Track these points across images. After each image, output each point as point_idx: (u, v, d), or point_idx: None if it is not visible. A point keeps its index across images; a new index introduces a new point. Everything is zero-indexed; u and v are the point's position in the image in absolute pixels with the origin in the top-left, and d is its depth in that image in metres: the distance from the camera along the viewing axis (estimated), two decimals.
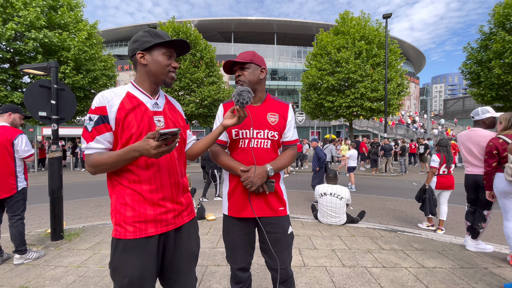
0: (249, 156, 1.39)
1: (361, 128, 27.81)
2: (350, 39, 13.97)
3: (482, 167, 2.87)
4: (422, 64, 58.42)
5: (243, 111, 1.22)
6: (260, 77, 1.44)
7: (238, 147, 1.42)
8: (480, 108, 3.03)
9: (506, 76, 11.98)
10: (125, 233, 1.06)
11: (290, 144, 1.51)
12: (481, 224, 2.95)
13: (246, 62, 1.39)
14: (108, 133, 1.07)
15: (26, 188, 2.86)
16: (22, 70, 3.47)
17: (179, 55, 1.25)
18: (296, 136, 1.53)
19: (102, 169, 1.05)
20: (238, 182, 1.40)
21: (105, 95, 1.08)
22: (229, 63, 1.43)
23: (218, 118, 1.46)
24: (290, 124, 1.49)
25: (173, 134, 0.93)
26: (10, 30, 9.50)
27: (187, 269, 1.22)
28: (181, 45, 1.19)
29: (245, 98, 1.19)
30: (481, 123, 3.01)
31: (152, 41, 1.12)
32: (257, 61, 1.42)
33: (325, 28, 17.37)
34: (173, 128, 1.11)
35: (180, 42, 1.17)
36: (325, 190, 4.01)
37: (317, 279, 2.36)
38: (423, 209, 4.02)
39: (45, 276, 2.45)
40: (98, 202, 6.29)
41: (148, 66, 1.14)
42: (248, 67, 1.40)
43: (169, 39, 1.14)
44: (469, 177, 3.04)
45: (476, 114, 3.04)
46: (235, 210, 1.41)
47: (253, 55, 1.42)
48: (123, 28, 39.59)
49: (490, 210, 2.91)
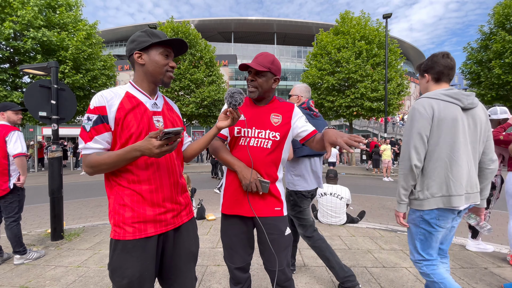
0: (247, 154, 1.38)
1: (361, 128, 27.80)
2: (350, 39, 13.97)
3: None
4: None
5: (236, 113, 1.22)
6: (273, 87, 1.43)
7: (238, 145, 1.42)
8: (498, 108, 2.84)
9: (506, 76, 11.98)
10: (124, 234, 1.05)
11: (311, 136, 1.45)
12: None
13: (264, 70, 1.36)
14: (107, 133, 1.06)
15: (22, 189, 2.76)
16: (22, 70, 3.47)
17: (177, 55, 1.24)
18: (312, 128, 1.47)
19: (100, 169, 1.04)
20: (232, 179, 1.41)
21: (104, 94, 1.07)
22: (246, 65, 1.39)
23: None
24: (298, 120, 1.45)
25: (176, 133, 0.93)
26: (9, 29, 9.50)
27: (186, 269, 1.22)
28: (179, 44, 1.19)
29: (237, 100, 1.19)
30: (496, 123, 2.81)
31: (149, 41, 1.11)
32: (274, 70, 1.39)
33: (325, 28, 17.35)
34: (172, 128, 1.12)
35: (177, 42, 1.17)
36: (325, 190, 4.01)
37: (317, 279, 2.36)
38: None
39: (45, 276, 2.45)
40: (98, 202, 6.29)
41: (145, 66, 1.14)
42: (264, 75, 1.38)
43: (166, 38, 1.14)
44: None
45: (494, 113, 2.82)
46: (227, 206, 1.42)
47: (272, 63, 1.38)
48: (123, 28, 39.58)
49: (488, 209, 2.89)
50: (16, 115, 2.78)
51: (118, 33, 40.20)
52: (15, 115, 2.77)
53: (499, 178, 2.85)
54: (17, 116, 2.79)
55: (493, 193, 2.84)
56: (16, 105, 2.80)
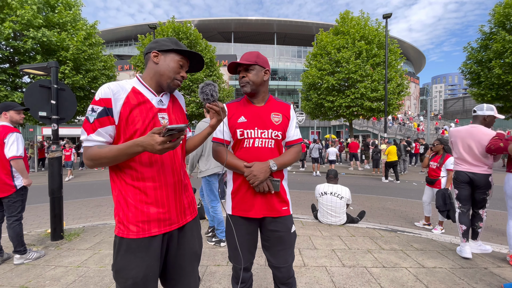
0: (253, 155, 1.40)
1: (361, 128, 27.80)
2: (350, 39, 13.98)
3: (478, 166, 2.80)
4: (422, 64, 58.38)
5: (216, 105, 1.21)
6: (264, 79, 1.45)
7: (242, 147, 1.43)
8: (485, 104, 2.90)
9: (506, 76, 11.97)
10: (128, 232, 1.05)
11: (294, 143, 1.51)
12: (479, 224, 2.92)
13: (251, 63, 1.39)
14: (110, 126, 1.05)
15: (26, 189, 2.80)
16: (22, 70, 3.47)
17: (192, 70, 1.28)
18: (299, 135, 1.53)
19: (101, 162, 1.01)
20: (242, 181, 1.41)
21: (111, 87, 1.05)
22: (233, 64, 1.43)
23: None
24: (292, 124, 1.50)
25: (180, 130, 0.92)
26: (8, 29, 9.50)
27: (190, 269, 1.22)
28: (197, 60, 1.24)
29: (207, 93, 1.19)
30: (481, 119, 2.87)
31: (171, 46, 1.15)
32: (261, 63, 1.43)
33: (325, 28, 17.37)
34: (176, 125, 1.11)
35: (197, 57, 1.22)
36: (325, 189, 4.01)
37: (317, 279, 2.36)
38: (450, 217, 3.59)
39: (45, 276, 2.45)
40: (98, 202, 6.29)
41: (158, 65, 1.15)
42: (253, 68, 1.41)
43: (188, 50, 1.18)
44: (462, 174, 2.90)
45: (480, 109, 2.88)
46: (240, 209, 1.42)
47: (257, 56, 1.42)
48: (123, 28, 39.59)
49: (485, 209, 2.89)
50: (19, 114, 2.78)
51: (118, 33, 40.22)
52: (18, 115, 2.77)
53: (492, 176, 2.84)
54: (19, 115, 2.79)
55: (489, 193, 2.81)
56: (19, 105, 2.80)
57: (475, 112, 2.93)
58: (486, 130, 2.81)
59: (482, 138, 2.77)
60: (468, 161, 2.88)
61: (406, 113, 39.28)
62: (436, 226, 4.00)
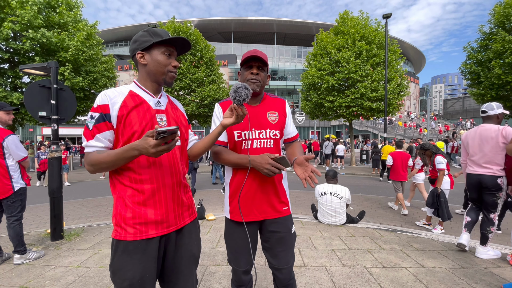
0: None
1: (361, 128, 27.81)
2: (350, 39, 13.96)
3: (487, 168, 2.79)
4: (422, 64, 58.41)
5: (241, 109, 1.15)
6: (267, 82, 1.45)
7: (240, 149, 1.39)
8: (493, 103, 2.90)
9: (506, 76, 11.96)
10: (125, 234, 1.05)
11: (293, 139, 1.49)
12: (489, 229, 2.83)
13: (266, 64, 1.38)
14: (108, 132, 1.06)
15: (24, 188, 2.80)
16: (22, 70, 3.47)
17: (180, 53, 1.23)
18: (296, 131, 1.52)
19: (101, 167, 1.03)
20: (237, 186, 1.38)
21: (108, 93, 1.07)
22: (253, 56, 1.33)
23: (217, 117, 1.42)
24: (289, 120, 1.49)
25: (172, 132, 0.91)
26: (7, 29, 9.48)
27: (188, 272, 1.21)
28: (181, 43, 1.17)
29: (242, 95, 1.11)
30: (495, 118, 2.86)
31: (150, 40, 1.11)
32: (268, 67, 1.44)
33: (325, 28, 17.35)
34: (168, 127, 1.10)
35: (179, 40, 1.16)
36: (325, 190, 4.01)
37: (317, 279, 2.36)
38: (440, 215, 3.79)
39: (45, 276, 2.45)
40: (98, 202, 6.29)
41: (148, 66, 1.14)
42: (265, 69, 1.40)
43: (168, 37, 1.13)
44: (472, 176, 2.93)
45: (491, 109, 2.86)
46: (237, 214, 1.37)
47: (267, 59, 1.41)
48: (123, 28, 39.58)
49: (496, 213, 2.85)
50: (8, 115, 2.77)
51: (118, 33, 40.21)
52: (7, 115, 2.76)
53: (504, 179, 2.78)
54: (8, 116, 2.78)
55: (499, 195, 2.78)
56: (8, 105, 2.79)
57: (486, 112, 2.91)
58: (490, 126, 2.83)
59: (492, 136, 2.78)
60: (477, 162, 2.90)
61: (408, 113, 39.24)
62: (436, 226, 4.00)
